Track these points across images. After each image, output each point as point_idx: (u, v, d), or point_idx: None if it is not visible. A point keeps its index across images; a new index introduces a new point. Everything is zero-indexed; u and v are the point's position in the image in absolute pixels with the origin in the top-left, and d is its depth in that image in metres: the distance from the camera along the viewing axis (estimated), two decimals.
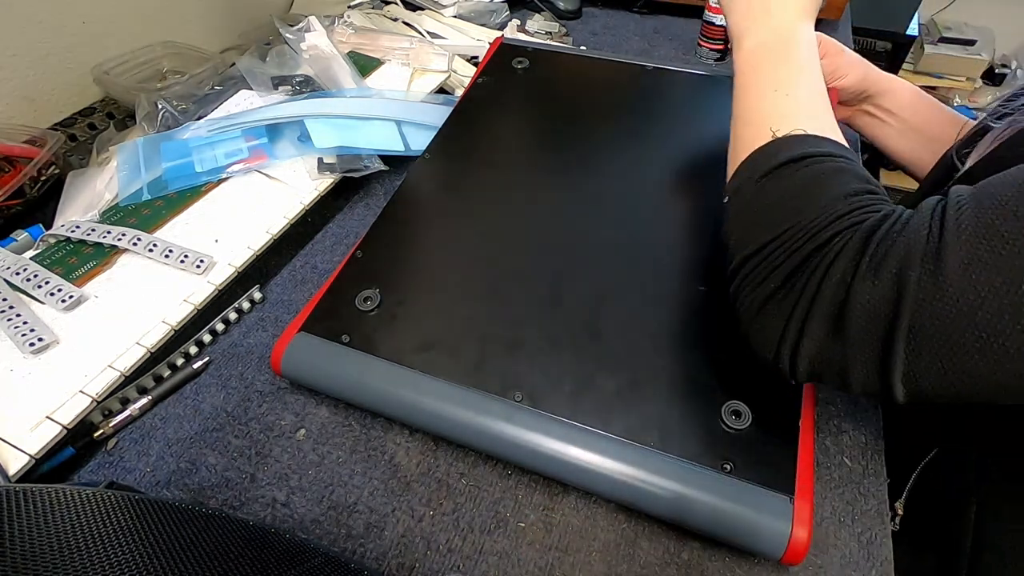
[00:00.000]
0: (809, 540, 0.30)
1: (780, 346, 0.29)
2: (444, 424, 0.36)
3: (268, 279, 0.49)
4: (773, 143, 0.33)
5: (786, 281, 0.28)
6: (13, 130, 0.55)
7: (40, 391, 0.38)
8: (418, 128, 0.59)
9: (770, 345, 0.29)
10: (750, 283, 0.30)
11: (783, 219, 0.29)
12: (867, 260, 0.26)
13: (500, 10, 0.81)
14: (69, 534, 0.23)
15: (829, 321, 0.27)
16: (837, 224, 0.28)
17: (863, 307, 0.26)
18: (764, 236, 0.30)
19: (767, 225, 0.30)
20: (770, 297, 0.29)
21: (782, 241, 0.29)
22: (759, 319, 0.30)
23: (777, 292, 0.29)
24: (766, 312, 0.29)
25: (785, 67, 0.36)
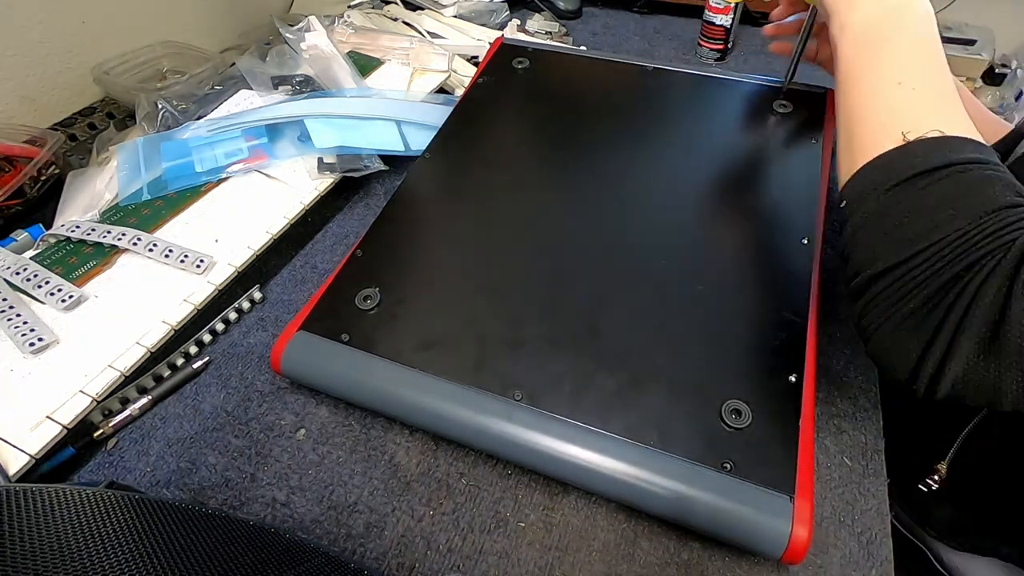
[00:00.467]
0: (809, 539, 0.30)
1: (920, 367, 0.27)
2: (444, 423, 0.36)
3: (268, 279, 0.49)
4: (906, 147, 0.30)
5: (929, 300, 0.27)
6: (13, 130, 0.55)
7: (40, 391, 0.38)
8: (418, 128, 0.59)
9: (907, 365, 0.28)
10: (884, 301, 0.28)
11: (925, 235, 0.27)
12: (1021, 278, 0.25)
13: (500, 10, 0.81)
14: (69, 534, 0.23)
15: (981, 342, 0.25)
16: (989, 242, 0.26)
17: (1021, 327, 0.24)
18: (902, 252, 0.28)
19: (905, 241, 0.28)
20: (910, 316, 0.27)
21: (925, 258, 0.27)
22: (895, 338, 0.28)
23: (919, 310, 0.27)
24: (904, 332, 0.28)
25: (908, 50, 0.32)
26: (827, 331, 0.45)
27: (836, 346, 0.44)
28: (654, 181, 0.49)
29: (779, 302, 0.40)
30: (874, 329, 0.29)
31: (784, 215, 0.44)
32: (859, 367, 0.43)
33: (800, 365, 0.36)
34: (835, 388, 0.42)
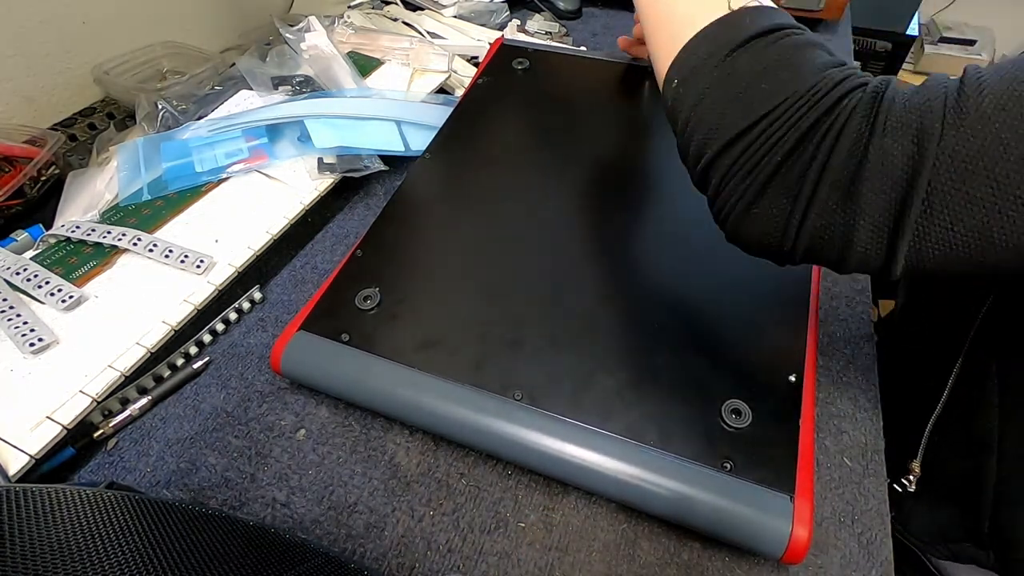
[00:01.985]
0: (809, 539, 0.30)
1: (787, 226, 0.27)
2: (444, 423, 0.36)
3: (268, 279, 0.49)
4: (734, 15, 0.29)
5: (789, 155, 0.26)
6: (13, 130, 0.55)
7: (40, 391, 0.38)
8: (418, 128, 0.59)
9: (776, 229, 0.27)
10: (743, 167, 0.27)
11: (775, 92, 0.27)
12: (882, 118, 0.24)
13: (500, 10, 0.81)
14: (69, 534, 0.23)
15: (840, 188, 0.25)
16: (840, 87, 0.26)
17: (880, 167, 0.24)
18: (754, 112, 0.27)
19: (754, 102, 0.27)
20: (772, 177, 0.27)
21: (779, 114, 0.26)
22: (760, 204, 0.27)
23: (780, 168, 0.26)
24: (771, 192, 0.27)
25: None
26: (827, 331, 0.45)
27: (836, 346, 0.44)
28: (654, 181, 0.49)
29: (779, 302, 0.40)
30: (736, 201, 0.28)
31: None
32: (859, 367, 0.43)
33: (800, 365, 0.36)
34: (835, 388, 0.42)
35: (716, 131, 0.28)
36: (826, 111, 0.26)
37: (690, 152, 0.30)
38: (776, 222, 0.27)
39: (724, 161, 0.28)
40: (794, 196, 0.26)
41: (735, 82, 0.28)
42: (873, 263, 0.26)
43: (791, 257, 0.28)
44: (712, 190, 0.30)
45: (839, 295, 0.47)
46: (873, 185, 0.25)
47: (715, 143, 0.28)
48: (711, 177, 0.29)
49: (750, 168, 0.27)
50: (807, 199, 0.26)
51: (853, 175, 0.25)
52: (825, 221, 0.26)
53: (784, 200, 0.27)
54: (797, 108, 0.26)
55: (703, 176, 0.30)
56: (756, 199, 0.27)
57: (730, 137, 0.28)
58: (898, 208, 0.24)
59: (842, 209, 0.25)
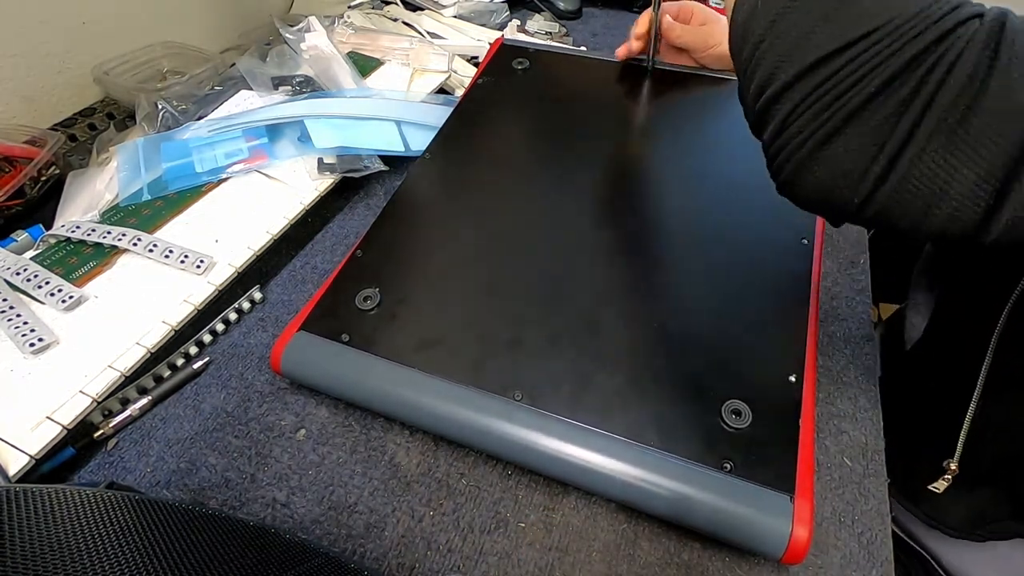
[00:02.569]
0: (810, 539, 0.30)
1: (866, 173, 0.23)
2: (444, 423, 0.36)
3: (268, 279, 0.49)
4: None
5: (885, 87, 0.22)
6: (13, 130, 0.55)
7: (40, 391, 0.38)
8: (418, 128, 0.59)
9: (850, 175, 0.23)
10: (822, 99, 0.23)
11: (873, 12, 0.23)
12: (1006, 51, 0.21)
13: (500, 10, 0.81)
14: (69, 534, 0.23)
15: (946, 130, 0.21)
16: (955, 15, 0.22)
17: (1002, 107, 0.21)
18: (844, 35, 0.23)
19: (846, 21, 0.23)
20: (858, 111, 0.23)
21: (878, 38, 0.22)
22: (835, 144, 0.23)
23: (869, 102, 0.22)
24: (849, 132, 0.23)
25: None
26: (827, 331, 0.45)
27: (836, 346, 0.44)
28: (654, 181, 0.49)
29: (779, 302, 0.40)
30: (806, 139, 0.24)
31: (784, 215, 0.44)
32: (859, 367, 0.43)
33: (800, 365, 0.36)
34: (835, 388, 0.42)
35: (794, 53, 0.24)
36: (936, 39, 0.22)
37: (755, 81, 0.26)
38: (853, 166, 0.23)
39: (799, 89, 0.24)
40: (884, 137, 0.22)
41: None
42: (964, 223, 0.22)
43: (861, 211, 0.24)
44: (775, 126, 0.25)
45: (839, 295, 0.47)
46: (990, 128, 0.21)
47: (791, 67, 0.24)
48: (776, 110, 0.25)
49: (831, 100, 0.23)
50: (901, 141, 0.22)
51: (965, 113, 0.21)
52: (920, 169, 0.22)
53: (869, 140, 0.23)
54: (901, 34, 0.22)
55: (765, 109, 0.26)
56: (832, 137, 0.23)
57: (812, 61, 0.23)
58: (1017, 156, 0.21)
59: (944, 154, 0.22)
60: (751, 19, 0.26)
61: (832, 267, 0.50)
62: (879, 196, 0.23)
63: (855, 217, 0.25)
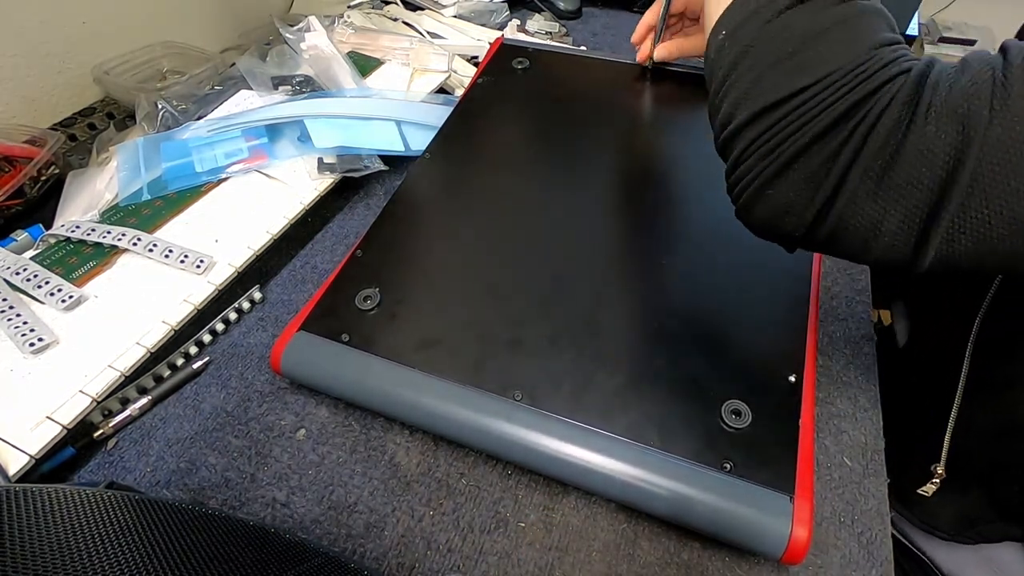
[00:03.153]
0: (809, 539, 0.30)
1: (804, 212, 0.26)
2: (444, 423, 0.36)
3: (268, 279, 0.49)
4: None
5: (819, 138, 0.25)
6: (13, 130, 0.55)
7: (40, 391, 0.38)
8: (418, 128, 0.59)
9: (791, 214, 0.26)
10: (767, 143, 0.26)
11: (820, 62, 0.25)
12: (925, 103, 0.23)
13: (500, 10, 0.81)
14: (69, 534, 0.23)
15: (873, 176, 0.24)
16: (886, 71, 0.25)
17: (918, 156, 0.23)
18: (797, 81, 0.25)
19: (797, 71, 0.26)
20: (794, 159, 0.25)
21: (817, 91, 0.25)
22: (776, 187, 0.26)
23: (804, 152, 0.25)
24: (788, 178, 0.26)
25: None
26: (827, 331, 0.45)
27: (836, 346, 0.44)
28: (654, 181, 0.49)
29: (779, 302, 0.40)
30: (753, 178, 0.27)
31: None
32: (859, 367, 0.43)
33: (800, 365, 0.36)
34: (835, 388, 0.42)
35: (748, 96, 0.27)
36: (867, 95, 0.24)
37: (720, 112, 0.29)
38: (795, 204, 0.26)
39: (749, 133, 0.27)
40: (818, 183, 0.25)
41: (784, 42, 0.26)
42: (899, 255, 0.25)
43: (805, 243, 0.27)
44: (730, 163, 0.28)
45: (839, 295, 0.47)
46: (910, 174, 0.23)
47: (745, 110, 0.27)
48: (733, 147, 0.28)
49: (773, 146, 0.26)
50: (833, 186, 0.25)
51: (888, 163, 0.24)
52: (852, 210, 0.25)
53: (804, 186, 0.26)
54: (838, 87, 0.25)
55: (724, 145, 0.29)
56: (776, 178, 0.26)
57: (760, 107, 0.26)
58: (935, 199, 0.23)
59: (872, 198, 0.24)
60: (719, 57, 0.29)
61: (832, 267, 0.50)
62: (820, 231, 0.26)
63: (802, 246, 0.28)
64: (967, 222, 0.23)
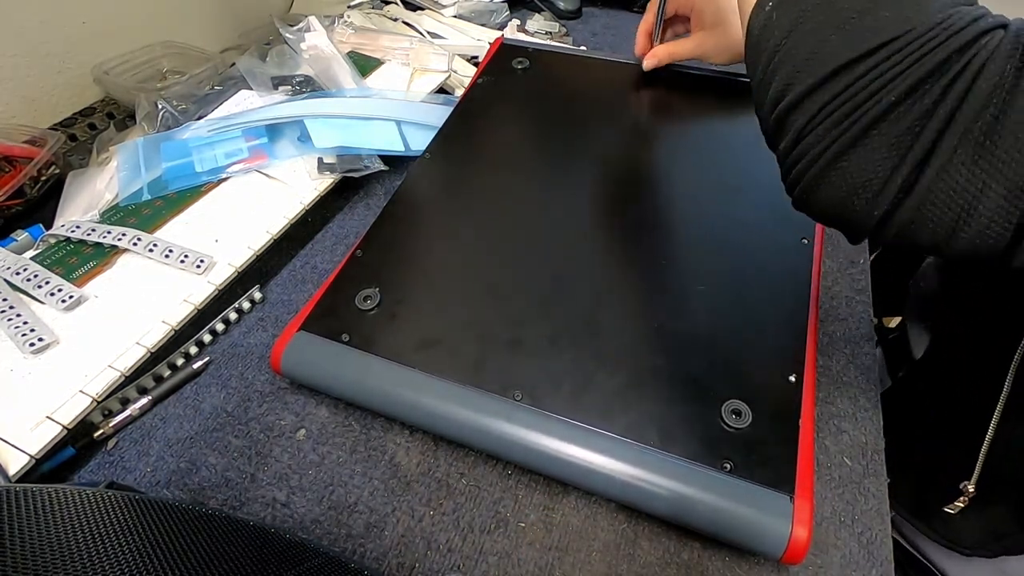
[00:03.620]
0: (809, 539, 0.30)
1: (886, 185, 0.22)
2: (444, 423, 0.36)
3: (268, 279, 0.49)
4: None
5: (907, 96, 0.21)
6: (13, 130, 0.55)
7: (40, 391, 0.38)
8: (418, 128, 0.59)
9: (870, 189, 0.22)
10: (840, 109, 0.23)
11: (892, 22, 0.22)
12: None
13: (500, 10, 0.81)
14: (69, 534, 0.23)
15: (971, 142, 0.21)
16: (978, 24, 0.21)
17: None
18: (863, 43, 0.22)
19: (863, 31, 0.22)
20: (878, 121, 0.22)
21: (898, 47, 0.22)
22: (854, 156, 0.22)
23: (890, 112, 0.22)
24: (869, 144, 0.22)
25: None
26: (827, 331, 0.45)
27: (836, 346, 0.44)
28: (654, 181, 0.49)
29: (779, 302, 0.40)
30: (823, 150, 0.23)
31: (784, 215, 0.44)
32: (859, 367, 0.43)
33: (800, 365, 0.36)
34: (835, 388, 0.42)
35: (811, 62, 0.23)
36: (959, 48, 0.21)
37: (771, 91, 0.25)
38: (873, 179, 0.22)
39: (816, 100, 0.23)
40: (906, 148, 0.22)
41: (844, 6, 0.23)
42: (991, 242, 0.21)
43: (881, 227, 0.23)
44: (790, 138, 0.25)
45: (839, 295, 0.47)
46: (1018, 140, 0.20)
47: (808, 77, 0.23)
48: (793, 121, 0.24)
49: (851, 110, 0.22)
50: (924, 152, 0.21)
51: (991, 125, 0.20)
52: (946, 181, 0.21)
53: (890, 152, 0.22)
54: (922, 44, 0.21)
55: (782, 120, 0.25)
56: (851, 148, 0.22)
57: (830, 70, 0.23)
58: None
59: (971, 168, 0.21)
60: (766, 29, 0.26)
61: (832, 267, 0.50)
62: (902, 211, 0.22)
63: (875, 233, 0.24)
64: None
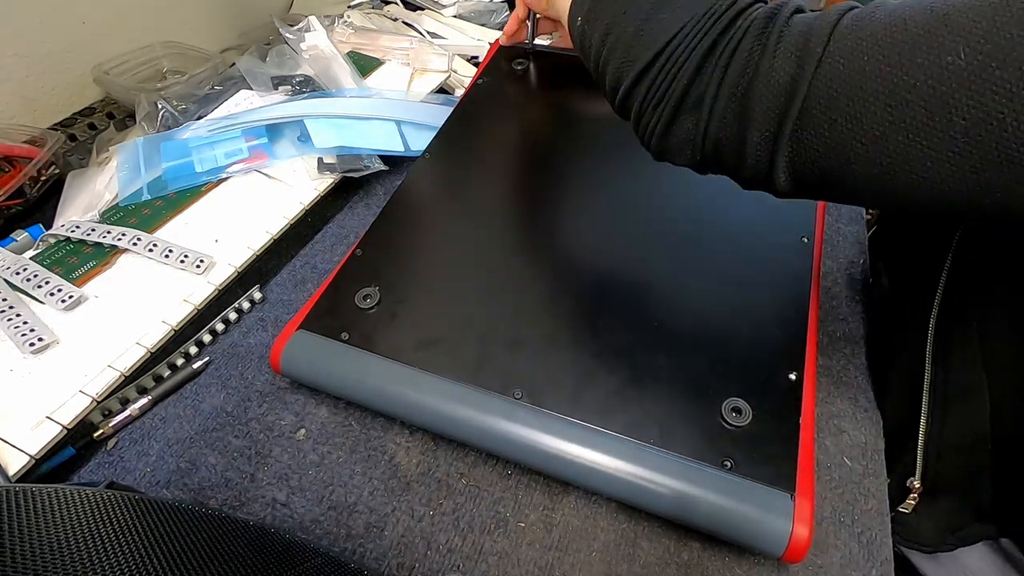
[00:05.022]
0: (810, 538, 0.30)
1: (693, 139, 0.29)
2: (444, 422, 0.36)
3: (268, 279, 0.49)
4: None
5: (695, 75, 0.28)
6: (13, 130, 0.55)
7: (40, 391, 0.38)
8: (418, 128, 0.59)
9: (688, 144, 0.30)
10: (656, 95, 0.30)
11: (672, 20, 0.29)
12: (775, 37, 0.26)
13: (500, 10, 0.81)
14: (69, 534, 0.23)
15: (736, 101, 0.27)
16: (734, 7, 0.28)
17: (767, 83, 0.26)
18: (655, 44, 0.29)
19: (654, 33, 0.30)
20: (682, 99, 0.29)
21: (680, 40, 0.29)
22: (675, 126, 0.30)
23: (688, 90, 0.29)
24: (681, 116, 0.29)
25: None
26: (827, 330, 0.45)
27: (836, 346, 0.44)
28: (654, 180, 0.49)
29: (779, 300, 0.40)
30: (655, 125, 0.30)
31: (784, 214, 0.44)
32: (859, 367, 0.43)
33: (800, 363, 0.36)
34: (835, 388, 0.42)
35: (625, 65, 0.31)
36: (722, 31, 0.28)
37: (608, 81, 0.33)
38: (689, 138, 0.30)
39: (639, 91, 0.31)
40: (700, 111, 0.28)
41: (635, 14, 0.31)
42: (762, 173, 0.28)
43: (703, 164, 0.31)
44: (633, 117, 0.32)
45: (839, 295, 0.47)
46: (761, 99, 0.26)
47: (627, 75, 0.31)
48: (629, 106, 0.32)
49: (662, 95, 0.29)
50: (708, 111, 0.28)
51: (746, 89, 0.27)
52: (724, 132, 0.28)
53: (693, 117, 0.29)
54: (696, 33, 0.28)
55: (622, 106, 0.32)
56: (672, 122, 0.30)
57: (640, 69, 0.30)
58: (778, 121, 0.26)
59: (736, 120, 0.27)
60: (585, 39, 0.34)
61: (832, 267, 0.50)
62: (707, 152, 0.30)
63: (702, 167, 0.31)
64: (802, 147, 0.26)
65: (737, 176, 0.30)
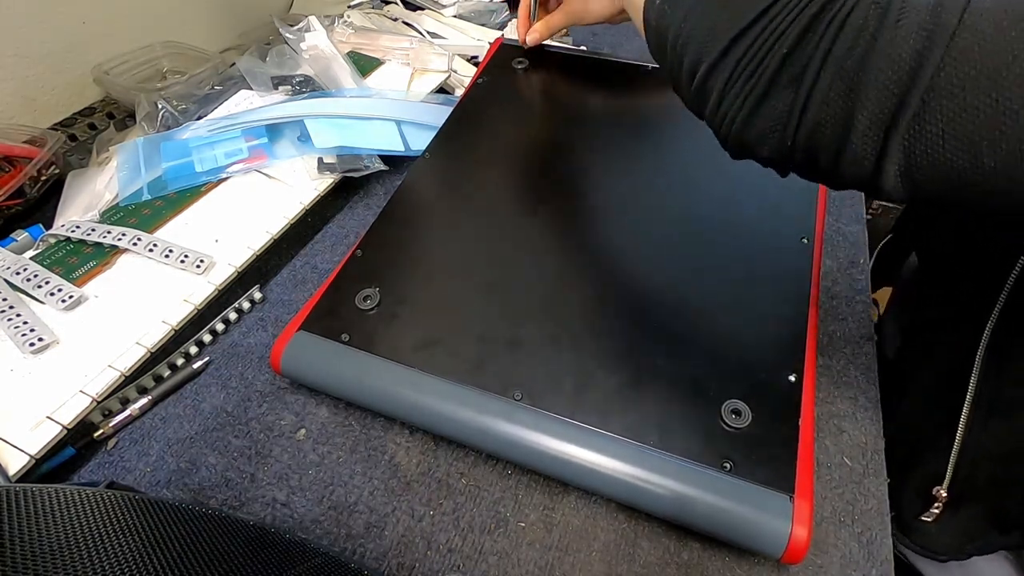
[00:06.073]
0: (809, 539, 0.30)
1: (789, 119, 0.26)
2: (444, 423, 0.36)
3: (268, 279, 0.49)
4: None
5: (796, 45, 0.25)
6: (13, 130, 0.55)
7: (40, 391, 0.38)
8: (418, 128, 0.59)
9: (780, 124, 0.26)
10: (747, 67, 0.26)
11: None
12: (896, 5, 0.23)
13: (500, 10, 0.81)
14: (69, 534, 0.23)
15: (844, 77, 0.24)
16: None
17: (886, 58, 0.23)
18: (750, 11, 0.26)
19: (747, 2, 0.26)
20: (779, 70, 0.25)
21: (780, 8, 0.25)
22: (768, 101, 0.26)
23: (786, 60, 0.25)
24: (776, 89, 0.26)
25: None
26: (827, 331, 0.45)
27: (836, 346, 0.44)
28: (654, 180, 0.49)
29: (779, 301, 0.40)
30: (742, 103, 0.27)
31: (784, 214, 0.44)
32: (859, 367, 0.43)
33: (800, 365, 0.36)
34: (835, 388, 0.42)
35: (714, 35, 0.27)
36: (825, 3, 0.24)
37: (683, 70, 0.29)
38: (781, 122, 0.26)
39: (725, 65, 0.27)
40: (797, 86, 0.25)
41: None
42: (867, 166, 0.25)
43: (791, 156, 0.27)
44: (714, 99, 0.28)
45: (839, 295, 0.47)
46: (877, 76, 0.23)
47: (713, 49, 0.27)
48: (711, 87, 0.28)
49: (755, 68, 0.26)
50: (809, 87, 0.25)
51: (858, 65, 0.23)
52: (825, 113, 0.25)
53: (790, 92, 0.25)
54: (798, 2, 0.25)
55: (701, 90, 0.29)
56: (762, 100, 0.26)
57: (730, 39, 0.27)
58: (897, 103, 0.23)
59: (843, 99, 0.24)
60: (664, 20, 0.30)
61: (832, 267, 0.50)
62: (800, 140, 0.26)
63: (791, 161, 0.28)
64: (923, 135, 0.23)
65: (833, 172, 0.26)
